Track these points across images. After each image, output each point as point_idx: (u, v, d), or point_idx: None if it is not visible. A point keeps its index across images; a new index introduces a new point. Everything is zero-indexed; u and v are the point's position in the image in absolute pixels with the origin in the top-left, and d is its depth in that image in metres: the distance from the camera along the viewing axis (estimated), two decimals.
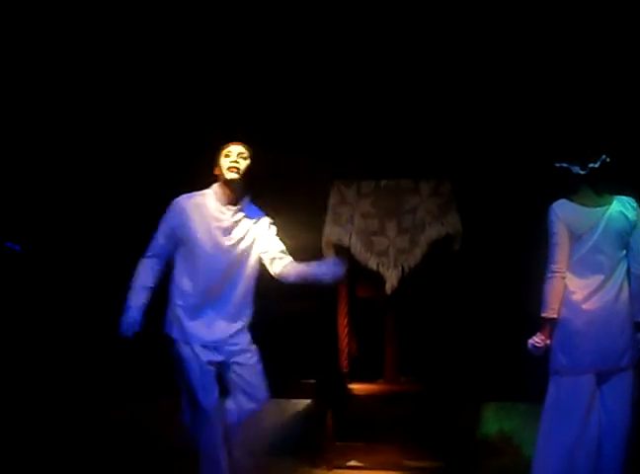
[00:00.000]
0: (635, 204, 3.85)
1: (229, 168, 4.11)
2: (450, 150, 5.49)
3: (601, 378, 3.84)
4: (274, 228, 4.31)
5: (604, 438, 3.83)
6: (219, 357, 4.10)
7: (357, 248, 5.13)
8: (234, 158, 4.12)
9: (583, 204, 3.85)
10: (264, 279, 5.40)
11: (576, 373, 3.83)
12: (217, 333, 4.10)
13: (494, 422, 5.23)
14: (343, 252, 5.15)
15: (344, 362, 5.22)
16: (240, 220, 4.18)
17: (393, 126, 5.61)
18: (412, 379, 5.27)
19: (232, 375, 4.13)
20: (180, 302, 4.12)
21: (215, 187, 4.20)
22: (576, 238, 3.83)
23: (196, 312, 4.09)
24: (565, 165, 3.88)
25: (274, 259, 4.22)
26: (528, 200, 4.96)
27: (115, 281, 5.71)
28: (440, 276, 5.13)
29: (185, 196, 4.21)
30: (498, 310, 5.32)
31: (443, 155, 5.47)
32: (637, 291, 3.83)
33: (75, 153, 5.77)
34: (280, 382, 5.39)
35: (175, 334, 4.11)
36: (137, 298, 4.07)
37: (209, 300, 4.10)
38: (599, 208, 3.83)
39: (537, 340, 3.87)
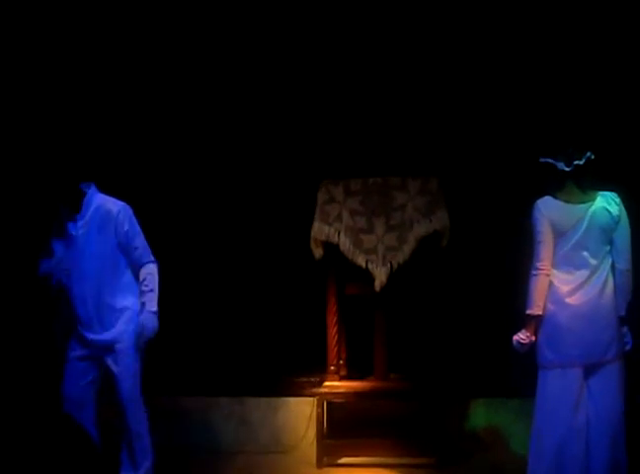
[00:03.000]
0: (618, 200, 3.85)
1: None
2: (437, 148, 5.52)
3: (588, 371, 3.85)
4: (126, 225, 4.29)
5: (593, 431, 3.84)
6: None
7: (345, 246, 5.14)
8: None
9: (567, 201, 3.85)
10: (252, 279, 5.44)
11: (563, 367, 3.83)
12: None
13: (483, 417, 5.24)
14: (331, 250, 5.17)
15: (333, 360, 5.23)
16: (84, 224, 4.25)
17: (380, 125, 5.63)
18: (402, 376, 5.30)
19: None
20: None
21: None
22: (560, 235, 3.83)
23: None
24: (550, 161, 3.88)
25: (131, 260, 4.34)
26: (515, 197, 4.97)
27: None
28: (428, 273, 5.15)
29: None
30: (486, 306, 5.35)
31: (430, 153, 5.49)
32: (621, 286, 3.85)
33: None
34: (270, 380, 5.44)
35: None
36: None
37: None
38: (582, 205, 3.83)
39: (522, 336, 3.88)
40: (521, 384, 4.20)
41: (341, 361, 5.31)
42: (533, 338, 3.87)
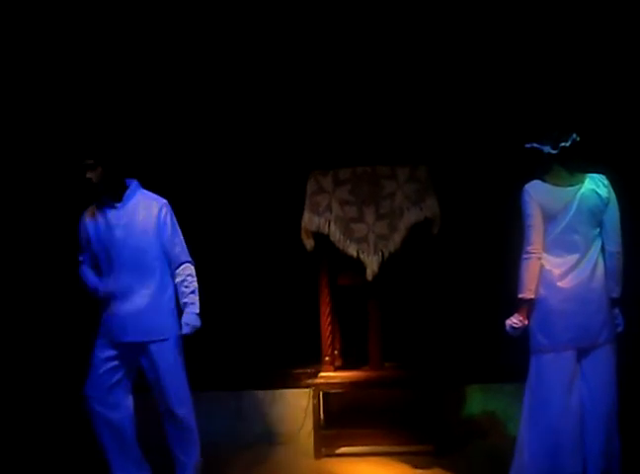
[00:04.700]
0: (607, 182, 3.85)
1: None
2: (425, 136, 5.51)
3: (581, 354, 3.86)
4: (168, 221, 4.31)
5: (587, 413, 3.86)
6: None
7: (336, 236, 5.13)
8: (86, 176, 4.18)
9: (556, 184, 3.85)
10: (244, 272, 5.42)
11: (556, 351, 3.84)
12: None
13: (479, 403, 5.25)
14: (322, 240, 5.16)
15: (328, 351, 5.23)
16: (125, 214, 4.24)
17: (368, 114, 5.62)
18: (397, 365, 5.31)
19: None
20: None
21: None
22: (550, 218, 3.83)
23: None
24: (536, 145, 3.87)
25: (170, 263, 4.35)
26: (504, 182, 4.96)
27: None
28: (420, 261, 5.14)
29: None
30: (479, 292, 5.35)
31: (419, 141, 5.49)
32: (611, 268, 3.86)
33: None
34: (265, 373, 5.44)
35: None
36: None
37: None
38: (571, 188, 3.83)
39: (515, 321, 3.88)
40: (516, 369, 4.18)
41: (335, 352, 5.32)
42: (526, 322, 3.87)
